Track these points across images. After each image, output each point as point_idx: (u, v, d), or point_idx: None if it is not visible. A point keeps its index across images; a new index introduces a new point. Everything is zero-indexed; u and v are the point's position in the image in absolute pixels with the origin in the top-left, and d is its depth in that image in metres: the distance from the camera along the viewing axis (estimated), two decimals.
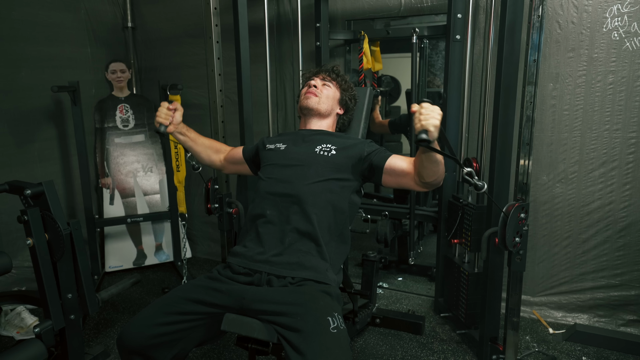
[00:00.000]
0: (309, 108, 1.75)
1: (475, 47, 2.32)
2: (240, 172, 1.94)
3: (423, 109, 1.29)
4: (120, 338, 1.35)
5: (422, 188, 1.51)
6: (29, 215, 1.51)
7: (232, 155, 1.91)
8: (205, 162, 1.91)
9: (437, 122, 1.28)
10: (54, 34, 2.92)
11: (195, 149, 1.86)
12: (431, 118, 1.27)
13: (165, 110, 1.72)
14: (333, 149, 1.62)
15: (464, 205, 2.14)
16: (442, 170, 1.42)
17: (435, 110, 1.29)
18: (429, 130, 1.27)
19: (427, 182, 1.46)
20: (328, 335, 1.24)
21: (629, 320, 2.25)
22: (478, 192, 1.35)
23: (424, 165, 1.41)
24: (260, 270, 1.47)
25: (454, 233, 2.23)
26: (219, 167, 1.93)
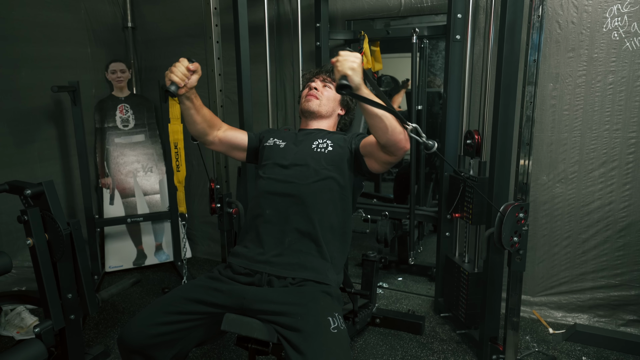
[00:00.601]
0: (310, 111, 1.75)
1: (475, 47, 2.32)
2: (227, 154, 1.81)
3: (340, 57, 1.26)
4: (121, 337, 1.36)
5: (388, 155, 1.43)
6: (29, 215, 1.51)
7: (230, 139, 1.75)
8: (196, 132, 1.68)
9: (354, 64, 1.24)
10: (54, 34, 2.92)
11: (195, 118, 1.62)
12: (346, 62, 1.24)
13: (183, 70, 1.45)
14: (330, 145, 1.62)
15: (465, 178, 2.13)
16: (389, 126, 1.32)
17: (350, 54, 1.25)
18: (347, 74, 1.23)
19: (384, 145, 1.39)
20: (329, 335, 1.25)
21: (629, 320, 2.25)
22: (428, 151, 1.29)
23: (370, 124, 1.35)
24: (261, 271, 1.47)
25: (455, 207, 2.23)
26: (208, 141, 1.72)
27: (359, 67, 1.25)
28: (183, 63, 1.46)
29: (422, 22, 2.59)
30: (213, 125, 1.70)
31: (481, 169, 2.08)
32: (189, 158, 3.17)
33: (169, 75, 1.45)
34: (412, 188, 2.55)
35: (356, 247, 3.15)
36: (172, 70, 1.45)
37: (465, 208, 2.15)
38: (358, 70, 1.24)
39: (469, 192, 2.11)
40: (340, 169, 1.58)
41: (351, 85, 1.23)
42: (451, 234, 2.39)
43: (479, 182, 2.04)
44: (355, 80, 1.24)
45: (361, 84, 1.26)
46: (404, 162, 3.21)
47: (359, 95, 1.26)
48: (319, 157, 1.59)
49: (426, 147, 1.29)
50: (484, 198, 1.99)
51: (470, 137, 2.13)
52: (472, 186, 2.07)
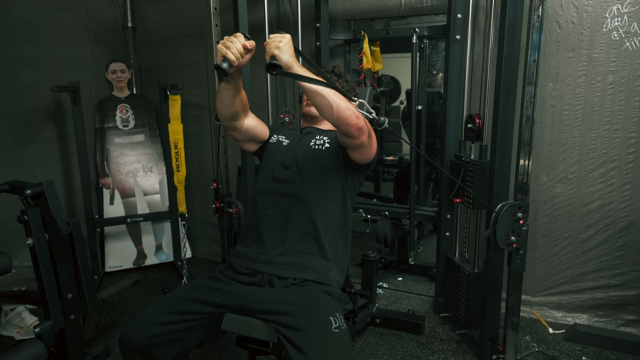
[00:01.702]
0: (312, 115, 1.75)
1: (475, 47, 2.32)
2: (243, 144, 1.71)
3: (269, 40, 1.26)
4: (122, 337, 1.36)
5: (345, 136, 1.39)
6: (29, 215, 1.51)
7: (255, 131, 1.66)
8: (229, 113, 1.54)
9: (281, 44, 1.24)
10: (54, 34, 2.92)
11: (234, 99, 1.49)
12: (273, 42, 1.24)
13: (240, 47, 1.30)
14: (326, 141, 1.61)
15: (466, 163, 2.12)
16: (332, 103, 1.29)
17: (277, 35, 1.26)
18: (274, 54, 1.23)
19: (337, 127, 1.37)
20: (330, 335, 1.25)
21: (629, 320, 2.25)
22: (379, 128, 1.28)
23: (313, 104, 1.34)
24: (262, 271, 1.47)
25: (455, 192, 2.22)
26: (235, 126, 1.60)
27: (285, 46, 1.24)
28: (240, 39, 1.31)
29: (422, 22, 2.59)
30: (246, 109, 1.61)
31: (482, 153, 2.08)
32: (189, 158, 3.17)
33: (223, 50, 1.29)
34: (412, 188, 2.55)
35: (356, 247, 3.15)
36: (228, 46, 1.29)
37: (466, 192, 2.15)
38: (285, 49, 1.24)
39: (469, 176, 2.09)
40: (338, 165, 1.58)
41: (279, 64, 1.23)
42: (451, 234, 2.39)
43: (480, 166, 2.03)
44: (283, 59, 1.24)
45: (292, 62, 1.25)
46: (404, 162, 3.21)
47: (292, 73, 1.26)
48: (318, 154, 1.59)
49: (378, 124, 1.27)
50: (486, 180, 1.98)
51: (471, 121, 2.12)
52: (473, 170, 2.06)
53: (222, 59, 1.29)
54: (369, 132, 1.42)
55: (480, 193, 2.04)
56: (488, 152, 2.01)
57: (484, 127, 2.08)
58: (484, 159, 2.06)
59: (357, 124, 1.34)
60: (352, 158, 1.52)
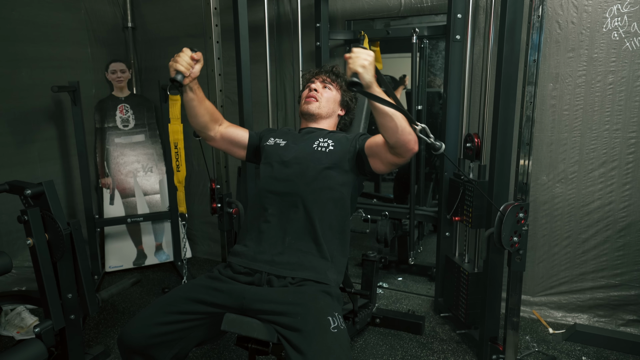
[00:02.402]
0: (310, 113, 1.75)
1: (475, 47, 2.32)
2: (228, 152, 1.80)
3: (352, 54, 1.25)
4: (121, 337, 1.36)
5: (396, 156, 1.43)
6: (29, 215, 1.51)
7: (232, 135, 1.74)
8: (199, 126, 1.67)
9: (366, 62, 1.23)
10: (54, 34, 2.92)
11: (198, 110, 1.61)
12: (358, 59, 1.23)
13: (187, 59, 1.47)
14: (331, 144, 1.62)
15: (465, 182, 2.13)
16: (398, 126, 1.32)
17: (362, 52, 1.25)
18: (358, 72, 1.23)
19: (393, 146, 1.38)
20: (328, 335, 1.25)
21: (628, 320, 2.25)
22: (435, 152, 1.30)
23: (378, 123, 1.35)
24: (261, 270, 1.47)
25: (454, 210, 2.23)
26: (210, 137, 1.71)
27: (370, 65, 1.24)
28: (187, 52, 1.47)
29: (422, 22, 2.59)
30: (215, 119, 1.70)
31: (481, 173, 2.08)
32: (189, 158, 3.17)
33: (173, 65, 1.45)
34: (412, 188, 2.55)
35: (356, 247, 3.15)
36: (177, 60, 1.46)
37: (465, 211, 2.15)
38: (369, 68, 1.24)
39: (468, 195, 2.10)
40: (341, 168, 1.58)
41: (362, 82, 1.23)
42: (451, 234, 2.39)
43: (479, 185, 2.04)
44: (366, 78, 1.24)
45: (372, 82, 1.26)
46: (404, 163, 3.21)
47: (369, 93, 1.26)
48: (320, 156, 1.59)
49: (433, 148, 1.29)
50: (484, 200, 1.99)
51: (470, 140, 2.13)
52: (472, 189, 2.06)
53: (175, 72, 1.45)
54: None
55: (479, 212, 2.04)
56: (487, 173, 2.02)
57: (482, 147, 2.09)
58: (483, 178, 2.06)
59: (413, 149, 1.39)
60: (372, 166, 1.55)
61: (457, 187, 2.21)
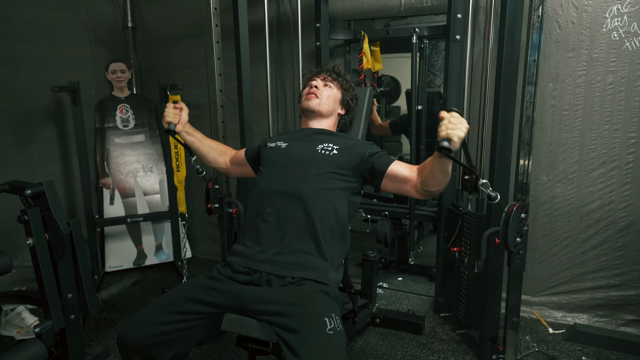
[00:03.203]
0: (310, 109, 1.75)
1: (475, 47, 2.32)
2: (245, 175, 1.94)
3: (453, 118, 1.30)
4: (120, 337, 1.36)
5: (421, 196, 1.53)
6: (29, 215, 1.51)
7: (236, 157, 1.91)
8: (210, 164, 1.92)
9: (463, 134, 1.28)
10: (54, 34, 2.92)
11: (202, 150, 1.87)
12: (458, 129, 1.28)
13: (172, 110, 1.76)
14: (335, 148, 1.62)
15: (463, 214, 2.13)
16: (448, 181, 1.44)
17: (463, 122, 1.30)
18: (453, 140, 1.27)
19: (429, 191, 1.48)
20: (324, 337, 1.24)
21: (628, 320, 2.25)
22: (491, 202, 1.38)
23: (434, 173, 1.42)
24: (260, 270, 1.47)
25: (453, 241, 2.23)
26: (225, 170, 1.94)
27: (463, 136, 1.30)
28: (170, 106, 1.77)
29: (422, 22, 2.59)
30: (222, 152, 1.92)
31: (479, 206, 2.08)
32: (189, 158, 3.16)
33: (163, 119, 1.75)
34: None
35: (356, 247, 3.15)
36: (165, 114, 1.76)
37: (463, 243, 2.15)
38: (462, 139, 1.30)
39: (467, 227, 2.10)
40: (343, 172, 1.58)
41: (451, 149, 1.28)
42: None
43: (477, 218, 2.03)
44: (456, 147, 1.30)
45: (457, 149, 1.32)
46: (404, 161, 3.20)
47: (453, 158, 1.33)
48: (323, 158, 1.59)
49: (490, 198, 1.39)
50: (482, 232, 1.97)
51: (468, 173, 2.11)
52: (469, 223, 2.06)
53: (167, 125, 1.74)
54: None
55: (477, 245, 2.03)
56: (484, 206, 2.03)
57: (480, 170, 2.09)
58: (481, 211, 2.06)
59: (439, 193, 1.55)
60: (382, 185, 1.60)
61: (455, 218, 2.20)
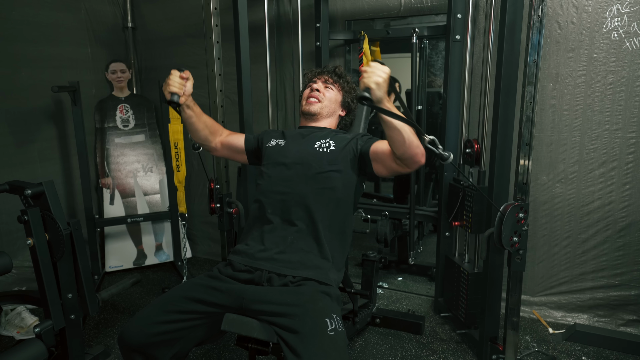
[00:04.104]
0: (312, 113, 1.75)
1: (475, 47, 2.32)
2: (232, 159, 1.88)
3: (369, 68, 1.26)
4: (121, 336, 1.36)
5: (403, 166, 1.44)
6: (29, 215, 1.51)
7: (230, 142, 1.82)
8: (200, 139, 1.78)
9: (380, 79, 1.24)
10: (54, 34, 2.92)
11: (197, 125, 1.73)
12: (374, 75, 1.24)
13: (178, 79, 1.57)
14: (332, 144, 1.62)
15: (464, 187, 2.13)
16: (407, 139, 1.34)
17: (379, 68, 1.25)
18: (370, 87, 1.24)
19: (399, 157, 1.40)
20: (325, 338, 1.24)
21: (628, 320, 2.25)
22: (443, 162, 1.31)
23: (388, 135, 1.37)
24: (261, 268, 1.47)
25: (454, 215, 2.22)
26: (212, 148, 1.81)
27: (384, 82, 1.25)
28: (175, 74, 1.57)
29: (422, 22, 2.59)
30: (215, 131, 1.80)
31: (480, 179, 2.08)
32: (189, 158, 3.17)
33: (167, 88, 1.55)
34: (412, 188, 2.55)
35: (356, 247, 3.15)
36: (169, 83, 1.56)
37: (464, 216, 2.15)
38: (383, 85, 1.25)
39: (468, 200, 2.10)
40: (342, 168, 1.58)
41: (372, 98, 1.24)
42: (451, 234, 2.39)
43: (478, 191, 2.03)
44: (377, 95, 1.25)
45: (383, 97, 1.27)
46: None
47: (379, 107, 1.28)
48: (321, 156, 1.59)
49: (442, 158, 1.31)
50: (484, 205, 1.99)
51: (469, 146, 2.13)
52: (471, 194, 2.06)
53: (170, 95, 1.55)
54: None
55: (479, 218, 2.04)
56: (486, 179, 2.02)
57: (482, 152, 2.09)
58: (482, 184, 2.06)
59: (419, 162, 1.40)
60: (374, 170, 1.56)
61: (457, 192, 2.20)
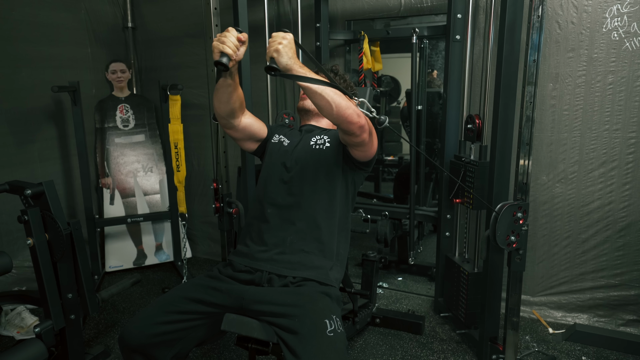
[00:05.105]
0: (306, 109, 1.75)
1: (475, 47, 2.32)
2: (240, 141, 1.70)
3: (270, 40, 1.26)
4: (121, 336, 1.36)
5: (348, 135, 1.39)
6: (29, 215, 1.51)
7: (252, 126, 1.66)
8: (225, 112, 1.55)
9: (280, 46, 1.23)
10: (54, 34, 2.92)
11: (232, 95, 1.49)
12: (273, 44, 1.24)
13: (234, 40, 1.32)
14: (327, 140, 1.61)
15: (466, 163, 2.12)
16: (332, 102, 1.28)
17: (278, 35, 1.25)
18: (273, 56, 1.23)
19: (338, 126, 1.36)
20: (324, 339, 1.24)
21: (628, 320, 2.25)
22: (379, 127, 1.28)
23: (314, 104, 1.33)
24: (261, 269, 1.47)
25: (455, 192, 2.22)
26: (232, 125, 1.61)
27: (285, 48, 1.23)
28: (233, 33, 1.33)
29: (422, 22, 2.59)
30: (243, 107, 1.62)
31: (482, 154, 2.07)
32: (189, 158, 3.17)
33: (219, 46, 1.31)
34: (412, 188, 2.55)
35: (356, 247, 3.15)
36: (223, 41, 1.31)
37: (466, 193, 2.15)
38: (284, 51, 1.23)
39: (469, 177, 2.09)
40: (338, 164, 1.58)
41: (278, 67, 1.23)
42: (451, 234, 2.40)
43: (480, 166, 2.02)
44: (282, 61, 1.24)
45: (290, 64, 1.25)
46: (404, 162, 3.21)
47: (291, 75, 1.26)
48: (318, 154, 1.59)
49: (378, 122, 1.27)
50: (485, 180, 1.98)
51: (471, 121, 2.12)
52: (472, 170, 2.05)
53: (220, 54, 1.31)
54: (369, 130, 1.42)
55: (480, 193, 2.03)
56: (488, 153, 2.01)
57: (483, 128, 2.08)
58: (484, 159, 2.06)
59: (358, 122, 1.33)
60: (353, 156, 1.52)
61: (458, 169, 2.19)
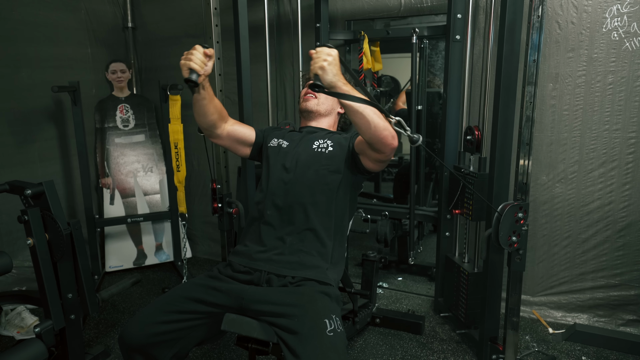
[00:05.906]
0: (309, 110, 1.75)
1: (475, 47, 2.32)
2: (231, 149, 1.74)
3: (315, 54, 1.25)
4: (121, 336, 1.36)
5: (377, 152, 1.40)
6: (29, 215, 1.51)
7: (238, 133, 1.70)
8: (207, 124, 1.61)
9: (325, 63, 1.23)
10: (54, 34, 2.92)
11: (207, 108, 1.55)
12: (318, 60, 1.23)
13: (200, 56, 1.38)
14: (330, 144, 1.61)
15: (465, 175, 2.13)
16: (371, 122, 1.30)
17: (323, 52, 1.24)
18: (317, 73, 1.23)
19: (369, 143, 1.37)
20: (324, 339, 1.24)
21: (628, 320, 2.25)
22: (413, 145, 1.28)
23: (352, 121, 1.34)
24: (260, 269, 1.47)
25: (455, 203, 2.22)
26: (216, 134, 1.66)
27: (330, 65, 1.24)
28: (199, 49, 1.39)
29: (422, 22, 2.59)
30: (223, 117, 1.65)
31: (481, 165, 2.08)
32: (189, 158, 3.17)
33: (187, 64, 1.36)
34: (412, 188, 2.55)
35: (356, 247, 3.15)
36: (190, 58, 1.36)
37: (465, 204, 2.15)
38: (329, 68, 1.23)
39: (469, 188, 2.10)
40: (340, 168, 1.58)
41: (323, 84, 1.23)
42: (451, 234, 2.40)
43: (479, 178, 2.03)
44: (327, 79, 1.24)
45: (336, 81, 1.25)
46: (404, 162, 3.21)
47: (334, 92, 1.26)
48: (320, 157, 1.59)
49: (411, 140, 1.27)
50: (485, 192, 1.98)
51: (470, 133, 2.13)
52: (471, 183, 2.06)
53: (189, 72, 1.36)
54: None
55: (480, 205, 2.04)
56: (487, 165, 2.02)
57: (482, 140, 2.09)
58: (483, 171, 2.06)
59: (391, 145, 1.35)
60: (363, 164, 1.53)
61: (457, 180, 2.20)
